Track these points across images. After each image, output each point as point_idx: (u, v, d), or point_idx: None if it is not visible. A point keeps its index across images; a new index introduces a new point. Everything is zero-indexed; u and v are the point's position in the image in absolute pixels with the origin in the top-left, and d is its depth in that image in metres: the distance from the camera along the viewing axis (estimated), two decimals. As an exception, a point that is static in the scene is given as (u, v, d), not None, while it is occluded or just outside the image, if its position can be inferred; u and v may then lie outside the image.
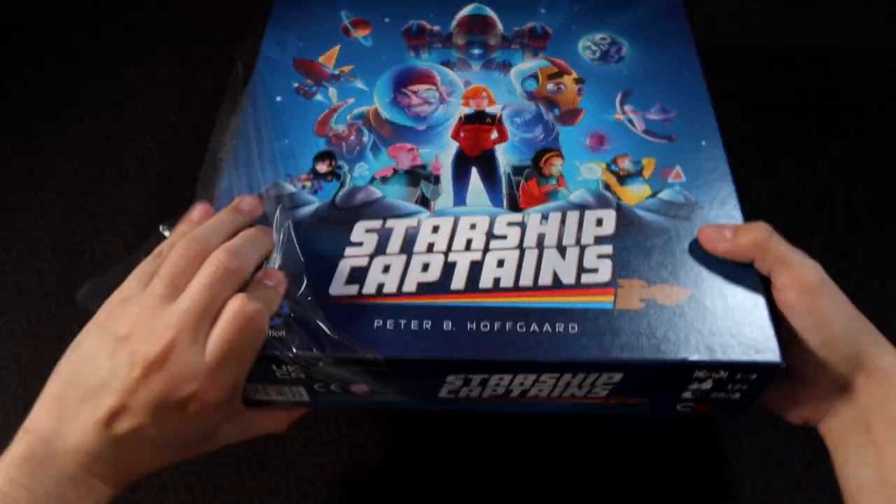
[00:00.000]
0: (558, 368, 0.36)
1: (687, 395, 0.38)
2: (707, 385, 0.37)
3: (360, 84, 0.47)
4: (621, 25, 0.50)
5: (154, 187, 0.59)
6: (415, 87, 0.47)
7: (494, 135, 0.45)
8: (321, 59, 0.48)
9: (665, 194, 0.41)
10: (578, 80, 0.47)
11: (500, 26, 0.51)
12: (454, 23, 0.51)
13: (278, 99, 0.46)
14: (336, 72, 0.48)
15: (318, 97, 0.46)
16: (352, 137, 0.44)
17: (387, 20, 0.51)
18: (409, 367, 0.36)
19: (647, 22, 0.50)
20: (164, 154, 0.60)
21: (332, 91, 0.47)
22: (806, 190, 0.58)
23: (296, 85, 0.47)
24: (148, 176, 0.59)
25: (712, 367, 0.35)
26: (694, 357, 0.35)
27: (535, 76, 0.48)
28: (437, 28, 0.50)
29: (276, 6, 0.52)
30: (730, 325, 0.36)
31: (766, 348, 0.35)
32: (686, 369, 0.35)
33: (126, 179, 0.59)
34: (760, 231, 0.37)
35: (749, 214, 0.40)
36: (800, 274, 0.36)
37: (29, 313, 0.54)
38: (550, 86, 0.47)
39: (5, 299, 0.55)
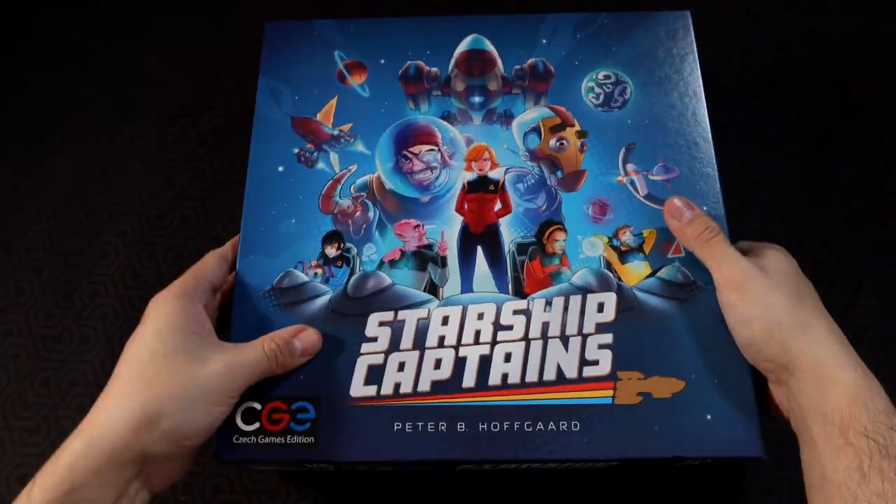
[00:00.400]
0: (562, 462, 0.40)
1: (679, 464, 0.42)
2: (697, 462, 0.41)
3: (360, 147, 0.47)
4: (626, 58, 0.48)
5: (154, 187, 0.59)
6: (416, 149, 0.47)
7: (498, 206, 0.45)
8: (319, 117, 0.47)
9: (664, 272, 0.43)
10: (581, 134, 0.46)
11: (500, 64, 0.49)
12: (452, 62, 0.49)
13: (280, 169, 0.46)
14: (335, 132, 0.47)
15: (320, 165, 0.46)
16: (357, 214, 0.45)
17: (382, 61, 0.49)
18: (428, 462, 0.40)
19: (654, 50, 0.48)
20: (164, 154, 0.60)
21: (334, 157, 0.46)
22: (806, 190, 0.59)
23: (296, 151, 0.47)
24: (148, 176, 0.59)
25: (701, 457, 0.39)
26: (684, 454, 0.39)
27: (537, 129, 0.47)
28: (434, 70, 0.49)
29: (266, 47, 0.49)
30: (719, 419, 0.39)
31: (749, 443, 0.39)
32: (678, 458, 0.39)
33: (126, 179, 0.59)
34: (707, 230, 0.41)
35: (749, 217, 0.40)
36: (725, 271, 0.39)
37: (27, 313, 0.55)
38: (553, 142, 0.47)
39: (4, 298, 0.56)
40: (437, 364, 0.41)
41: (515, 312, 0.42)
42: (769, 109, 0.61)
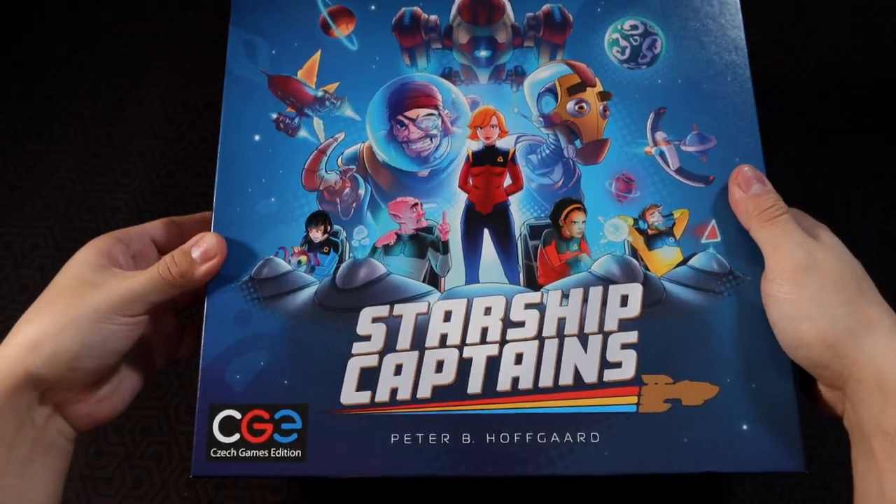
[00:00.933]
0: (577, 477, 0.36)
1: (704, 474, 0.38)
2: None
3: (349, 111, 0.40)
4: (656, 4, 0.42)
5: (155, 184, 0.58)
6: (413, 113, 0.40)
7: (507, 181, 0.39)
8: (300, 75, 0.41)
9: (697, 261, 0.37)
10: (604, 96, 0.40)
11: (510, 11, 0.42)
12: (454, 8, 0.42)
13: (256, 138, 0.40)
14: (319, 93, 0.41)
15: (303, 133, 0.40)
16: (346, 191, 0.39)
17: (373, 7, 0.42)
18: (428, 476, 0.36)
19: (688, -7, 0.42)
20: (165, 151, 0.59)
21: (318, 123, 0.40)
22: (806, 190, 0.57)
23: (275, 116, 0.40)
24: (149, 173, 0.58)
25: (736, 471, 0.35)
26: (717, 469, 0.35)
27: (552, 90, 0.40)
28: (433, 18, 0.42)
29: (236, -12, 0.42)
30: (756, 429, 0.35)
31: (791, 457, 0.35)
32: (709, 473, 0.35)
33: (127, 176, 0.58)
34: (774, 207, 0.36)
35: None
36: (782, 257, 0.35)
37: (31, 309, 0.54)
38: (571, 105, 0.40)
39: (7, 296, 0.55)
40: (439, 367, 0.36)
41: (527, 307, 0.37)
42: (769, 109, 0.59)
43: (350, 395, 0.36)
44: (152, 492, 0.48)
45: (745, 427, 0.35)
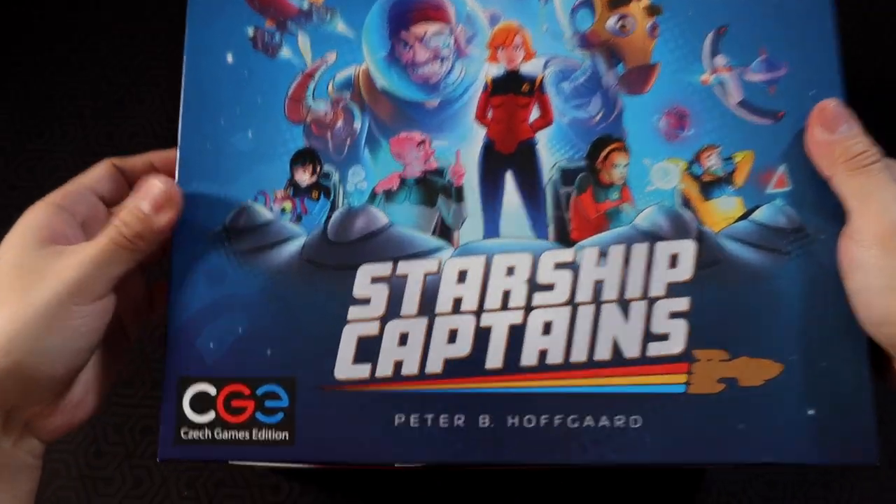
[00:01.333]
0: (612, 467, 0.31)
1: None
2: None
3: (341, 25, 0.33)
4: None
5: None
6: (419, 30, 0.33)
7: (534, 114, 0.33)
8: (282, -20, 0.33)
9: (762, 214, 0.31)
10: (652, 10, 0.33)
11: None
12: None
13: (229, 59, 0.33)
14: (305, 4, 0.33)
15: (285, 52, 0.33)
16: (338, 124, 0.32)
17: None
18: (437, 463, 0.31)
19: None
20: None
21: (304, 40, 0.33)
22: None
23: (251, 32, 0.33)
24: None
25: (799, 463, 0.30)
26: (777, 459, 0.30)
27: (589, 4, 0.33)
28: (446, -89, 0.34)
29: None
30: (823, 415, 0.30)
31: (864, 447, 0.30)
32: (768, 464, 0.30)
33: None
34: (867, 153, 0.30)
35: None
36: (873, 214, 0.29)
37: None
38: (612, 21, 0.33)
39: None
40: (452, 336, 0.31)
41: (558, 266, 0.31)
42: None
43: (346, 368, 0.30)
44: (152, 492, 0.45)
45: (810, 412, 0.30)
